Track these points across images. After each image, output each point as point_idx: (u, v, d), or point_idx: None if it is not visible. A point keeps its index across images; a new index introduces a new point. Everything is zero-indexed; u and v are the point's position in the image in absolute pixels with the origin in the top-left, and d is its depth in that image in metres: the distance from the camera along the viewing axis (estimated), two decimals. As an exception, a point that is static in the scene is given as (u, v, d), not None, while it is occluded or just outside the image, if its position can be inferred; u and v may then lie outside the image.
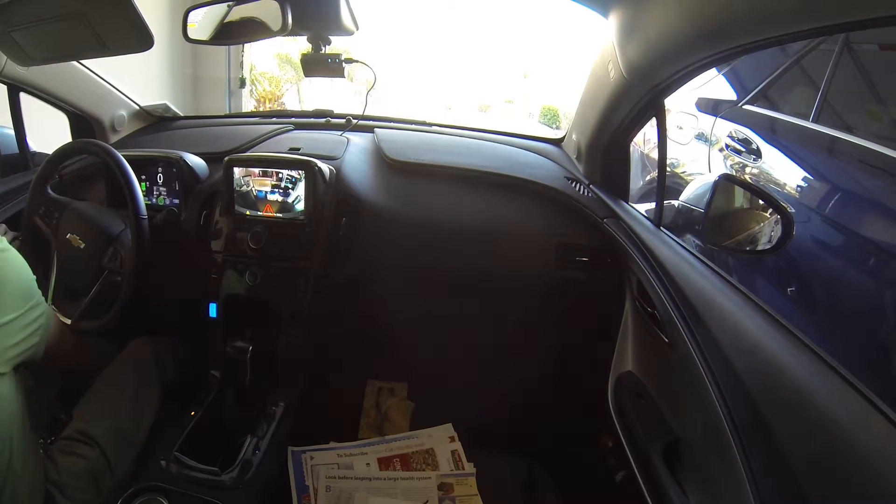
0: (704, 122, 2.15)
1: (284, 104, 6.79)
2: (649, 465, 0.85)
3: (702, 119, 2.18)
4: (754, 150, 1.80)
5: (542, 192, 1.22)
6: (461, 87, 10.80)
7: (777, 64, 1.88)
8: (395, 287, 1.27)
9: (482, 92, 11.17)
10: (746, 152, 1.83)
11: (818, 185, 1.55)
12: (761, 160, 1.75)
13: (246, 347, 1.04)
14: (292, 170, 1.14)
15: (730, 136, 1.94)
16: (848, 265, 1.41)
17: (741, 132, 1.89)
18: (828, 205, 1.47)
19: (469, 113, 10.18)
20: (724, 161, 1.96)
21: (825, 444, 0.54)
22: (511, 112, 11.00)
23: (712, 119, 2.09)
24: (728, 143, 1.94)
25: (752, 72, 2.01)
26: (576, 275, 1.19)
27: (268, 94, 6.66)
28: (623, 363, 1.11)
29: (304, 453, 1.16)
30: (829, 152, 1.55)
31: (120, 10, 0.82)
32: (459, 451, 1.20)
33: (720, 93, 2.15)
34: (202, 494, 0.91)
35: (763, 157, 1.75)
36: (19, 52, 0.94)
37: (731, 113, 2.01)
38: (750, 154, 1.81)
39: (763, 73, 1.93)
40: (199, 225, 1.23)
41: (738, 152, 1.88)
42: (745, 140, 1.86)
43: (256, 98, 6.47)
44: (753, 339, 0.68)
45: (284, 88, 6.97)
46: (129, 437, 0.98)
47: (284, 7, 0.96)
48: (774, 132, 1.79)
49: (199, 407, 1.08)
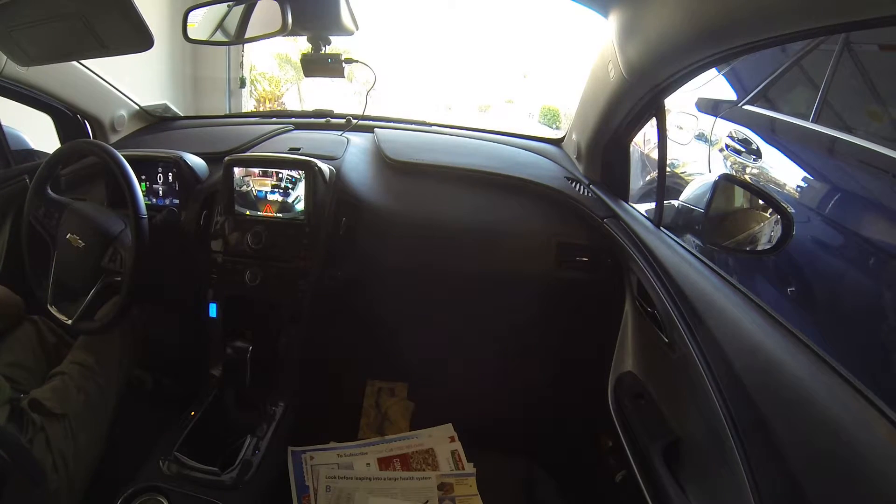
0: (705, 122, 2.15)
1: (284, 104, 6.79)
2: (649, 465, 0.85)
3: (702, 119, 2.18)
4: (754, 150, 1.80)
5: (543, 192, 1.22)
6: (461, 87, 10.78)
7: (777, 64, 1.88)
8: (395, 287, 1.27)
9: (482, 92, 11.16)
10: (746, 152, 1.83)
11: (818, 186, 1.55)
12: (761, 160, 1.75)
13: (246, 347, 1.04)
14: (292, 170, 1.14)
15: (730, 136, 1.93)
16: (848, 265, 1.41)
17: (741, 132, 1.89)
18: (828, 205, 1.47)
19: (469, 113, 10.15)
20: (724, 161, 1.97)
21: (825, 444, 0.54)
22: (511, 112, 10.98)
23: (712, 119, 2.09)
24: (728, 143, 1.94)
25: (752, 72, 2.00)
26: (576, 275, 1.19)
27: (268, 94, 6.66)
28: (623, 363, 1.11)
29: (305, 453, 1.16)
30: (828, 152, 1.55)
31: (120, 10, 0.82)
32: (459, 451, 1.20)
33: (720, 93, 2.15)
34: (202, 494, 0.91)
35: (763, 158, 1.75)
36: (19, 52, 0.95)
37: (732, 113, 2.01)
38: (750, 154, 1.81)
39: (763, 73, 1.93)
40: (199, 225, 1.23)
41: (738, 152, 1.88)
42: (744, 140, 1.86)
43: (256, 98, 6.46)
44: (753, 339, 0.68)
45: (284, 88, 6.96)
46: (84, 450, 0.95)
47: (284, 7, 0.96)
48: (774, 132, 1.79)
49: (198, 407, 1.08)
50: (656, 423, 0.91)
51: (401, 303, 1.30)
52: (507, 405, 1.33)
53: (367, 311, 1.32)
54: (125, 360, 1.09)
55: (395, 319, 1.31)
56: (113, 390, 1.04)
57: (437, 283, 1.26)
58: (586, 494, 1.24)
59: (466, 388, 1.29)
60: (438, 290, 1.28)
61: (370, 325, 1.34)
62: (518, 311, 1.29)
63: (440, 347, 1.36)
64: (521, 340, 1.33)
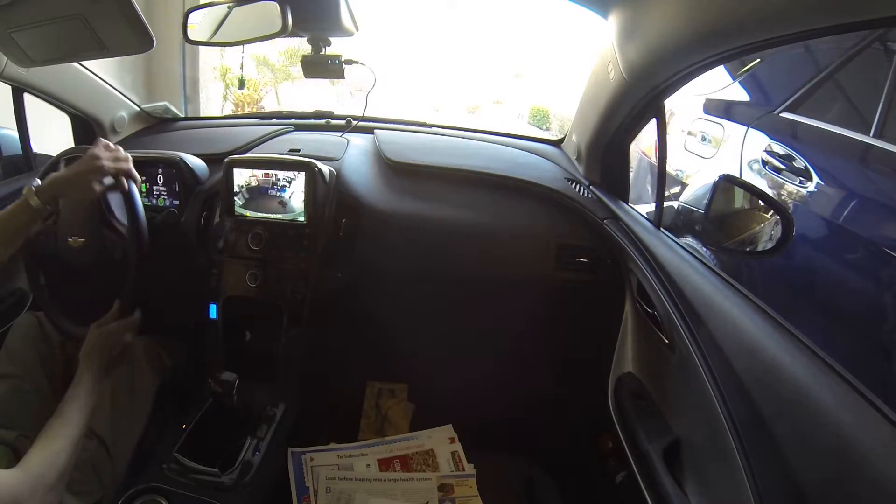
0: (733, 131, 1.80)
1: (264, 108, 6.63)
2: (649, 466, 0.85)
3: (729, 128, 1.83)
4: (800, 170, 1.45)
5: (542, 193, 1.22)
6: (449, 87, 10.68)
7: (822, 63, 1.54)
8: (395, 288, 1.28)
9: (470, 92, 11.07)
10: (788, 170, 1.49)
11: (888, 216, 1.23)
12: (811, 183, 1.39)
13: (232, 381, 0.99)
14: (292, 171, 1.14)
15: (766, 150, 1.60)
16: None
17: (780, 146, 1.56)
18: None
19: (457, 114, 10.01)
20: (760, 180, 1.60)
21: (825, 444, 0.54)
22: (500, 113, 10.89)
23: (743, 129, 1.74)
24: (764, 158, 1.59)
25: (790, 71, 1.67)
26: (576, 276, 1.19)
27: (246, 98, 6.48)
28: (623, 363, 1.11)
29: (305, 454, 1.15)
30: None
31: (120, 10, 0.82)
32: (459, 451, 1.19)
33: (750, 96, 1.85)
34: (202, 496, 0.91)
35: (813, 179, 1.39)
36: (20, 53, 0.95)
37: (767, 123, 1.67)
38: (794, 174, 1.47)
39: (804, 73, 1.60)
40: (199, 226, 1.23)
41: (777, 171, 1.53)
42: (786, 156, 1.52)
43: (234, 102, 6.27)
44: (753, 339, 0.68)
45: (264, 92, 6.81)
46: (126, 428, 0.99)
47: (284, 8, 0.96)
48: (822, 148, 1.45)
49: (198, 408, 1.08)
50: (656, 423, 0.91)
51: (401, 303, 1.30)
52: (508, 406, 1.33)
53: (367, 311, 1.32)
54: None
55: (396, 320, 1.31)
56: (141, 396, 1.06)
57: (437, 284, 1.26)
58: (586, 494, 1.24)
59: (466, 389, 1.29)
60: (438, 291, 1.28)
61: (370, 326, 1.34)
62: (518, 311, 1.29)
63: (440, 348, 1.36)
64: (521, 341, 1.33)
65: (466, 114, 10.65)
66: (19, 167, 1.39)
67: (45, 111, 1.36)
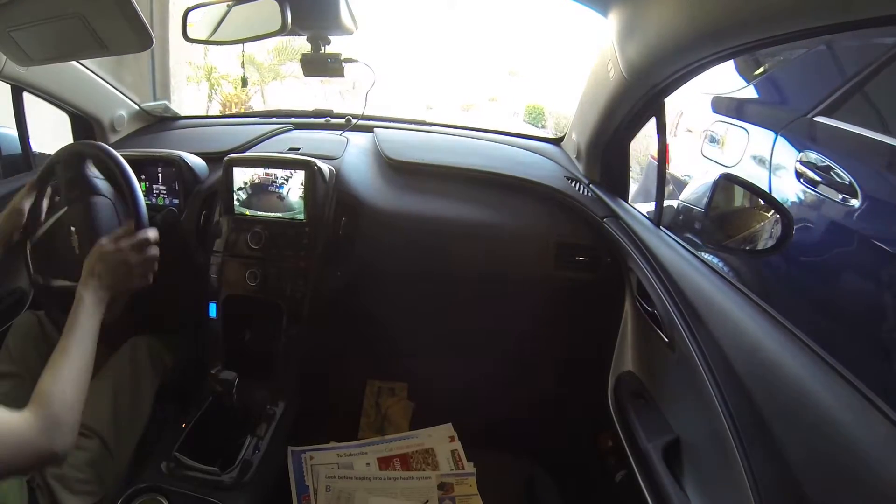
0: (759, 137, 1.61)
1: (252, 108, 6.52)
2: (649, 465, 0.85)
3: (755, 133, 1.63)
4: (843, 185, 1.26)
5: (542, 191, 1.22)
6: (443, 85, 10.58)
7: (862, 61, 1.35)
8: (395, 287, 1.27)
9: (465, 90, 10.99)
10: (826, 184, 1.30)
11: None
12: (857, 202, 1.22)
13: (232, 381, 1.01)
14: (292, 170, 1.14)
15: (800, 161, 1.40)
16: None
17: (815, 156, 1.36)
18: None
19: (451, 112, 9.84)
20: (795, 193, 1.41)
21: (825, 444, 0.54)
22: (495, 111, 10.81)
23: (771, 135, 1.55)
24: (798, 169, 1.39)
25: (823, 71, 1.48)
26: (576, 274, 1.19)
27: (233, 98, 6.35)
28: (623, 363, 1.11)
29: (304, 453, 1.15)
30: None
31: (119, 10, 0.82)
32: (459, 450, 1.19)
33: (779, 98, 1.67)
34: (202, 494, 0.91)
35: (860, 197, 1.22)
36: (19, 52, 0.95)
37: (799, 128, 1.47)
38: (834, 189, 1.28)
39: (841, 72, 1.41)
40: (198, 225, 1.22)
41: (813, 184, 1.34)
42: (824, 168, 1.32)
43: (221, 102, 6.19)
44: (753, 339, 0.68)
45: (253, 91, 6.68)
46: (127, 428, 0.99)
47: (284, 7, 0.95)
48: (867, 159, 1.27)
49: (198, 407, 1.08)
50: (656, 423, 0.91)
51: (401, 302, 1.30)
52: (507, 405, 1.33)
53: (367, 310, 1.32)
54: None
55: (395, 319, 1.31)
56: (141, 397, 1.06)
57: (436, 282, 1.26)
58: (586, 494, 1.24)
59: (466, 387, 1.29)
60: (438, 289, 1.28)
61: (370, 325, 1.34)
62: (518, 310, 1.29)
63: (440, 347, 1.36)
64: (521, 340, 1.33)
65: (461, 111, 10.55)
66: (18, 167, 1.38)
67: (38, 109, 1.35)
